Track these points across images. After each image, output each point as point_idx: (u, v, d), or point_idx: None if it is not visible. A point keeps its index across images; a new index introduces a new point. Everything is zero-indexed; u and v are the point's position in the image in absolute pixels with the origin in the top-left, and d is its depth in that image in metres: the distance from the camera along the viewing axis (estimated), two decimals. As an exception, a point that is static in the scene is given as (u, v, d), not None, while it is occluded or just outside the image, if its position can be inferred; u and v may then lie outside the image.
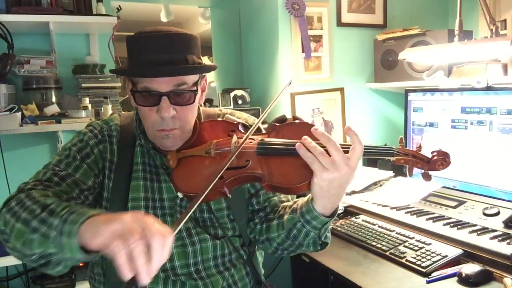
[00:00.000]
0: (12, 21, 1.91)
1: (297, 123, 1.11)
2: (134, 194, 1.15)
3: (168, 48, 1.04)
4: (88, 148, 1.15)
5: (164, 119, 1.06)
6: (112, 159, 1.17)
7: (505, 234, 1.48)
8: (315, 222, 1.07)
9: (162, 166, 1.18)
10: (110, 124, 1.22)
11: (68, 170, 1.10)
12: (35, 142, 2.20)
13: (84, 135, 1.18)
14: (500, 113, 1.73)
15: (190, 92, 1.08)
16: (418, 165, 1.05)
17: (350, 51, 2.57)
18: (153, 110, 1.07)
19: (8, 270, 2.08)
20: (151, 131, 1.11)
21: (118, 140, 1.19)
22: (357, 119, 2.62)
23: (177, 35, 1.06)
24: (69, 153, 1.14)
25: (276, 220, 1.18)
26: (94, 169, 1.14)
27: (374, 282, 1.39)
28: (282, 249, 1.20)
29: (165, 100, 1.05)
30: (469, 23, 2.34)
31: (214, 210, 1.19)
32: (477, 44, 1.82)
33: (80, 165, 1.12)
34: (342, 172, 0.96)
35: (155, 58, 1.04)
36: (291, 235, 1.13)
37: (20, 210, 0.93)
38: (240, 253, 1.21)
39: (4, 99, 1.94)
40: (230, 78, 2.87)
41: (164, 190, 1.17)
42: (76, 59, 2.25)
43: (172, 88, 1.05)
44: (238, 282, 1.21)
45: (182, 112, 1.09)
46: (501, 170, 1.73)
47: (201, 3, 3.18)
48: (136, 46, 1.07)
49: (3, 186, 2.05)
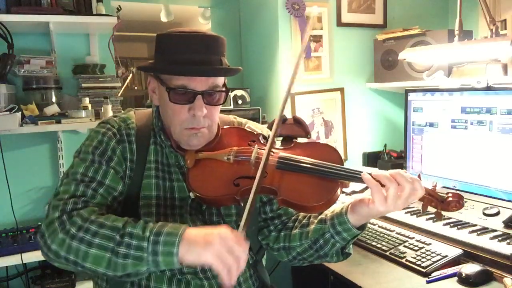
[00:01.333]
0: (12, 21, 1.91)
1: (317, 143, 1.17)
2: (146, 192, 1.14)
3: (204, 49, 1.08)
4: (109, 150, 1.12)
5: (195, 118, 1.09)
6: (132, 158, 1.15)
7: (505, 234, 1.48)
8: (346, 234, 1.10)
9: (177, 165, 1.18)
10: (127, 122, 1.19)
11: (97, 177, 1.08)
12: (35, 142, 2.20)
13: (103, 135, 1.14)
14: (500, 113, 1.73)
15: (221, 92, 1.14)
16: (432, 204, 1.06)
17: (350, 51, 2.57)
18: (185, 108, 1.09)
19: (8, 270, 2.08)
20: (179, 129, 1.12)
21: (136, 139, 1.17)
22: (357, 119, 2.62)
23: (212, 37, 1.10)
24: (93, 158, 1.10)
25: (299, 230, 1.18)
26: (120, 172, 1.13)
27: (374, 282, 1.39)
28: (300, 259, 1.20)
29: (199, 99, 1.08)
30: (469, 23, 2.34)
31: (223, 215, 1.19)
32: (477, 44, 1.82)
33: (107, 170, 1.10)
34: (398, 208, 1.01)
35: (193, 57, 1.07)
36: (317, 245, 1.14)
37: (88, 235, 0.94)
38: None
39: (4, 99, 1.94)
40: (230, 78, 2.85)
41: (176, 189, 1.17)
42: (76, 59, 2.24)
43: (207, 88, 1.09)
44: (242, 284, 1.21)
45: (211, 111, 1.12)
46: (501, 170, 1.72)
47: (201, 3, 3.18)
48: (172, 44, 1.09)
49: (3, 186, 2.05)
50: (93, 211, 1.00)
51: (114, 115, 1.24)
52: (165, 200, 1.15)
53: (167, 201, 1.16)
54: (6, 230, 2.01)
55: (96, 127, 1.19)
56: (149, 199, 1.14)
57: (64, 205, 1.01)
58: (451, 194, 1.06)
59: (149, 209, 1.13)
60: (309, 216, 1.19)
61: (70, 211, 0.99)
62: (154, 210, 1.13)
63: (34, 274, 2.09)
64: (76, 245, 0.94)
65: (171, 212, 1.15)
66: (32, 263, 2.04)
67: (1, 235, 1.97)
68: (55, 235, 0.96)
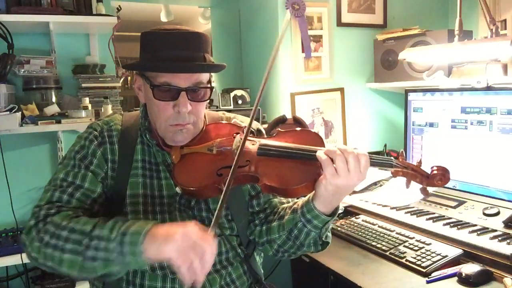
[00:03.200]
0: (12, 21, 1.90)
1: (299, 130, 1.16)
2: (133, 191, 1.16)
3: (187, 46, 1.09)
4: (90, 153, 1.16)
5: (180, 114, 1.11)
6: (114, 158, 1.18)
7: (505, 234, 1.48)
8: (316, 221, 1.09)
9: (164, 163, 1.20)
10: (110, 124, 1.23)
11: (75, 181, 1.12)
12: (35, 142, 2.20)
13: (85, 139, 1.19)
14: (500, 113, 1.73)
15: (205, 88, 1.14)
16: (417, 180, 1.07)
17: (350, 51, 2.57)
18: (169, 105, 1.11)
19: (8, 270, 2.08)
20: (164, 125, 1.14)
21: (119, 139, 1.20)
22: (357, 119, 2.62)
23: (195, 34, 1.11)
24: (74, 162, 1.15)
25: (277, 222, 1.19)
26: (100, 174, 1.15)
27: (374, 282, 1.39)
28: (283, 251, 1.20)
29: (183, 95, 1.10)
30: (469, 23, 2.34)
31: (212, 210, 1.19)
32: (477, 44, 1.82)
33: (86, 173, 1.13)
34: (352, 181, 1.00)
35: (176, 54, 1.08)
36: (292, 235, 1.14)
37: (60, 241, 0.97)
38: (237, 251, 1.22)
39: (4, 99, 1.94)
40: (230, 78, 2.86)
41: (164, 186, 1.18)
42: (76, 59, 2.24)
43: (190, 84, 1.10)
44: (236, 281, 1.21)
45: (196, 108, 1.14)
46: (501, 170, 1.72)
47: (201, 3, 3.18)
48: (155, 42, 1.10)
49: (3, 186, 2.05)
50: (67, 216, 1.02)
51: (99, 119, 1.28)
52: (152, 198, 1.17)
53: (155, 199, 1.17)
54: (6, 230, 2.01)
55: (82, 132, 1.23)
56: (135, 197, 1.15)
57: (39, 211, 1.05)
58: (435, 167, 1.06)
59: (136, 207, 1.15)
60: (286, 208, 1.20)
61: (44, 217, 1.03)
62: (141, 208, 1.15)
63: (34, 274, 2.09)
64: (51, 252, 0.97)
65: (160, 209, 1.16)
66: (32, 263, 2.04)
67: (1, 235, 1.97)
68: (32, 243, 1.00)
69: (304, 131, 1.16)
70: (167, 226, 0.94)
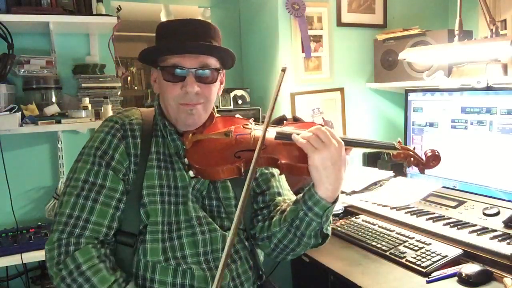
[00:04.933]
0: (12, 21, 1.90)
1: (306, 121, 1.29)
2: (149, 182, 1.17)
3: (196, 33, 1.17)
4: (111, 149, 1.17)
5: (188, 94, 1.15)
6: (136, 153, 1.19)
7: (505, 234, 1.48)
8: (317, 208, 1.11)
9: (177, 154, 1.22)
10: (131, 118, 1.24)
11: (97, 181, 1.13)
12: (35, 142, 2.19)
13: (106, 134, 1.19)
14: (500, 113, 1.73)
15: (212, 71, 1.19)
16: (414, 162, 1.21)
17: (350, 51, 2.57)
18: (177, 85, 1.17)
19: (8, 270, 2.08)
20: (174, 104, 1.18)
21: (141, 133, 1.21)
22: (357, 119, 2.62)
23: (203, 23, 1.20)
24: (94, 159, 1.16)
25: (278, 215, 1.21)
26: (122, 170, 1.17)
27: (374, 282, 1.39)
28: (282, 248, 1.21)
29: (190, 76, 1.16)
30: (469, 23, 2.34)
31: (222, 199, 1.23)
32: (477, 44, 1.82)
33: (107, 172, 1.15)
34: (331, 149, 1.07)
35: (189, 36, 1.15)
36: (293, 226, 1.16)
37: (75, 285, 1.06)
38: (245, 244, 1.24)
39: (4, 99, 1.94)
40: (230, 78, 2.86)
41: (178, 178, 1.20)
42: (76, 59, 2.24)
43: (197, 65, 1.16)
44: (242, 276, 1.22)
45: (205, 89, 1.19)
46: (501, 170, 1.73)
47: (201, 3, 3.18)
48: (166, 32, 1.19)
49: (3, 186, 2.05)
50: (89, 254, 1.08)
51: (117, 112, 1.29)
52: (168, 188, 1.19)
53: (171, 189, 1.19)
54: (6, 230, 2.01)
55: (100, 126, 1.23)
56: (152, 188, 1.17)
57: (60, 234, 1.10)
58: (428, 150, 1.22)
59: (154, 198, 1.17)
60: (289, 204, 1.23)
61: (66, 253, 1.08)
62: (158, 198, 1.17)
63: (34, 274, 2.09)
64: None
65: (175, 200, 1.18)
66: (32, 263, 2.04)
67: (1, 235, 1.97)
68: (55, 277, 1.08)
69: (309, 123, 1.24)
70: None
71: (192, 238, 1.16)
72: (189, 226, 1.17)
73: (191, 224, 1.17)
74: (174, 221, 1.16)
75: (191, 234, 1.17)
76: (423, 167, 1.21)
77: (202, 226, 1.18)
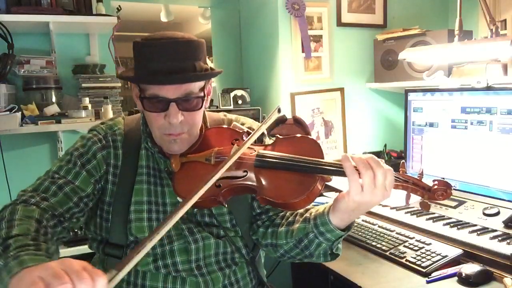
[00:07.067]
0: (12, 21, 1.91)
1: (298, 137, 1.11)
2: (138, 198, 1.15)
3: (176, 56, 1.05)
4: (90, 153, 1.16)
5: (172, 125, 1.08)
6: (116, 164, 1.17)
7: (505, 234, 1.48)
8: (329, 235, 1.07)
9: (166, 171, 1.19)
10: (114, 128, 1.22)
11: (67, 177, 1.11)
12: (35, 142, 2.20)
13: (88, 140, 1.18)
14: (500, 113, 1.73)
15: (197, 98, 1.10)
16: (418, 193, 1.01)
17: (350, 51, 2.57)
18: (161, 115, 1.08)
19: (8, 270, 2.08)
20: (158, 134, 1.12)
21: (123, 144, 1.19)
22: (357, 119, 2.62)
23: (185, 43, 1.07)
24: (70, 158, 1.15)
25: (285, 227, 1.17)
26: (95, 175, 1.14)
27: (374, 282, 1.39)
28: (289, 257, 1.19)
29: (173, 106, 1.06)
30: (469, 23, 2.34)
31: (215, 214, 1.19)
32: (477, 44, 1.82)
33: (80, 171, 1.13)
34: (376, 198, 0.95)
35: (164, 66, 1.04)
36: (302, 245, 1.12)
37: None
38: (242, 252, 1.21)
39: (4, 99, 1.94)
40: (230, 78, 2.86)
41: (167, 194, 1.17)
42: (76, 59, 2.24)
43: (179, 95, 1.07)
44: (240, 281, 1.21)
45: (189, 117, 1.10)
46: (501, 170, 1.72)
47: (201, 3, 3.19)
48: (144, 53, 1.07)
49: (3, 186, 2.05)
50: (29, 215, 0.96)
51: (101, 122, 1.26)
52: (156, 205, 1.16)
53: (159, 206, 1.16)
54: (6, 230, 2.01)
55: (82, 135, 1.22)
56: (140, 204, 1.15)
57: (23, 193, 1.05)
58: (437, 182, 1.01)
59: (140, 215, 1.14)
60: (296, 214, 1.17)
61: (20, 203, 1.01)
62: (145, 215, 1.14)
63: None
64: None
65: (163, 216, 1.15)
66: (32, 263, 2.04)
67: (1, 235, 1.97)
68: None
69: (302, 138, 1.12)
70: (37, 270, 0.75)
71: (183, 246, 1.15)
72: (180, 237, 1.15)
73: (182, 234, 1.15)
74: (165, 236, 1.11)
75: (182, 243, 1.15)
76: (427, 198, 1.01)
77: (194, 235, 1.15)
